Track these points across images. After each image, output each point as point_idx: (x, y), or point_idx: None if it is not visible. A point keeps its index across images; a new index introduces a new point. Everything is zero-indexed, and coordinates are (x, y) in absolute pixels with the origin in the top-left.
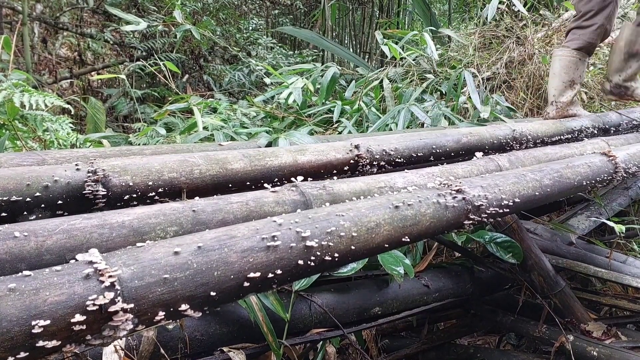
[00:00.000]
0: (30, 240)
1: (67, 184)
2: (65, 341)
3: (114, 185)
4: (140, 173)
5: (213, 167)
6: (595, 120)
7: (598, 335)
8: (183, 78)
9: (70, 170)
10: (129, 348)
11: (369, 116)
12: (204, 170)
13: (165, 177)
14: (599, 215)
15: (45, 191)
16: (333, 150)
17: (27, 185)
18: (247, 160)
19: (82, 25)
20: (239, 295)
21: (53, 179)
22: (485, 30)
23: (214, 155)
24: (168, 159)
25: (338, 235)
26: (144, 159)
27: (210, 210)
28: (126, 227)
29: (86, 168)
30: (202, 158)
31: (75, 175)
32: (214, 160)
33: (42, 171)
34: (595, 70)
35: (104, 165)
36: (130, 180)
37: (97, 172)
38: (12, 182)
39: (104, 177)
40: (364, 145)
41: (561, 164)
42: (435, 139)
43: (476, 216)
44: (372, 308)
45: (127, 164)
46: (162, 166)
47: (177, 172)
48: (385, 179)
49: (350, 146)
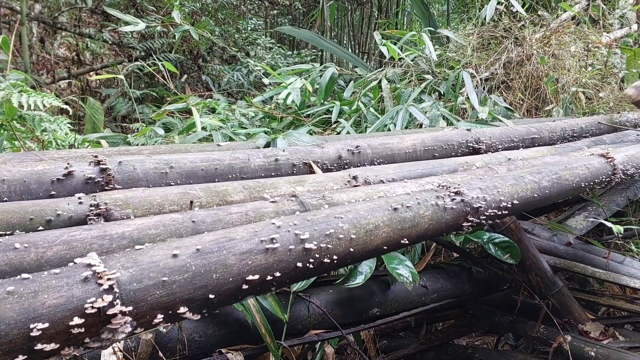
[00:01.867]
0: (30, 252)
1: (69, 218)
2: (63, 344)
3: (115, 219)
4: (142, 206)
5: (213, 199)
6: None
7: (596, 335)
8: (182, 78)
9: (73, 203)
10: (127, 350)
11: (367, 116)
12: (204, 203)
13: (166, 210)
14: (596, 215)
15: (48, 225)
16: (331, 181)
17: (31, 220)
18: (247, 192)
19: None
20: (238, 298)
21: (56, 213)
22: (484, 31)
23: (214, 187)
24: (169, 192)
25: (337, 237)
26: (146, 192)
27: (210, 221)
28: (126, 238)
29: (89, 202)
30: (202, 190)
31: (78, 209)
32: (214, 192)
33: (46, 205)
34: (593, 71)
35: (107, 199)
36: (132, 214)
37: (99, 206)
38: (16, 217)
39: (106, 210)
40: (361, 176)
41: (559, 165)
42: (432, 170)
43: (475, 218)
44: (371, 309)
45: (129, 197)
46: (163, 199)
47: (177, 205)
48: (384, 188)
49: (349, 177)
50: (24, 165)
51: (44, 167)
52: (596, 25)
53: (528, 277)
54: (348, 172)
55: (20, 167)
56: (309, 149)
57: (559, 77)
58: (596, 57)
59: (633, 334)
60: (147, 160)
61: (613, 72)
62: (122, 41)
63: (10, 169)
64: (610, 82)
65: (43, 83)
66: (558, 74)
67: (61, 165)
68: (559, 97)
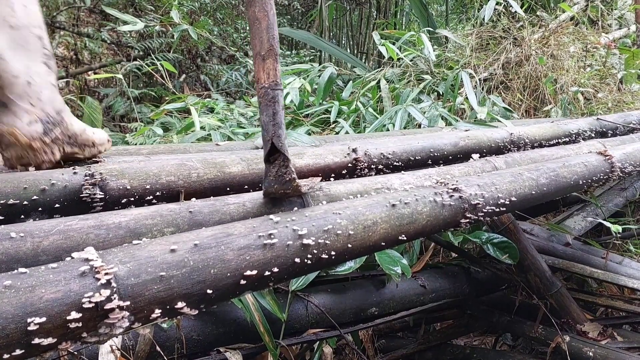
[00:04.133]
0: (26, 241)
1: (64, 188)
2: (61, 339)
3: (111, 188)
4: (138, 176)
5: (211, 170)
6: (593, 124)
7: (594, 335)
8: (180, 78)
9: (67, 173)
10: (125, 348)
11: (366, 117)
12: (202, 174)
13: (162, 180)
14: (595, 216)
15: (43, 194)
16: (331, 154)
17: (24, 189)
18: (245, 164)
19: (79, 25)
20: (236, 293)
21: (50, 182)
22: (483, 31)
23: (211, 158)
24: (166, 163)
25: (335, 233)
26: (142, 163)
27: (207, 212)
28: (123, 228)
29: (83, 171)
30: (200, 162)
31: (73, 178)
32: (212, 163)
33: (40, 174)
34: (592, 72)
35: (102, 169)
36: (128, 184)
37: (94, 176)
38: (9, 186)
39: (102, 180)
40: (361, 149)
41: (557, 163)
42: (433, 142)
43: (473, 215)
44: (369, 308)
45: (125, 168)
46: (160, 170)
47: (174, 175)
48: (382, 180)
49: (348, 150)
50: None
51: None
52: (595, 26)
53: (526, 277)
54: (347, 145)
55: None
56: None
57: (558, 78)
58: (595, 58)
59: (631, 334)
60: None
61: (611, 72)
62: (121, 40)
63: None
64: (609, 82)
65: None
66: (557, 74)
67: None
68: (557, 97)
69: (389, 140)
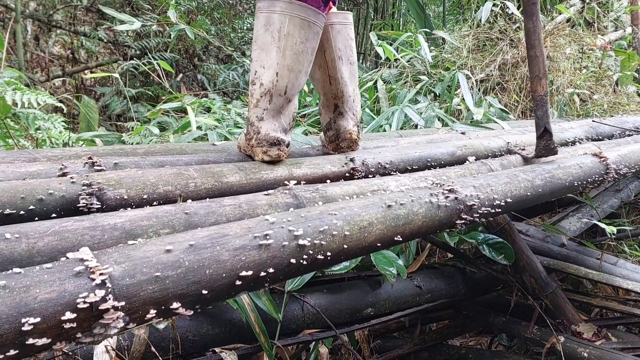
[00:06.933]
0: (21, 242)
1: (61, 197)
2: (55, 339)
3: (108, 198)
4: (135, 186)
5: (208, 180)
6: (589, 132)
7: (589, 336)
8: (177, 77)
9: (65, 183)
10: (120, 348)
11: (362, 117)
12: (199, 184)
13: (160, 190)
14: (590, 217)
15: (40, 204)
16: (329, 163)
17: (22, 198)
18: (243, 174)
19: (76, 23)
20: (231, 294)
21: (47, 192)
22: (479, 33)
23: (209, 168)
24: (163, 172)
25: (331, 234)
26: (139, 172)
27: (202, 213)
28: (118, 229)
29: (81, 181)
30: (197, 171)
31: (70, 188)
32: (209, 173)
33: (37, 184)
34: (588, 73)
35: (99, 179)
36: (125, 194)
37: (91, 185)
38: (6, 195)
39: (99, 190)
40: (359, 158)
41: (553, 164)
42: (430, 152)
43: (468, 216)
44: (365, 309)
45: (122, 177)
46: (157, 179)
47: (172, 185)
48: (378, 182)
49: (346, 159)
50: (17, 166)
51: (37, 168)
52: (591, 28)
53: (522, 278)
54: (345, 155)
55: (14, 168)
56: (304, 150)
57: (554, 79)
58: (591, 60)
59: (625, 335)
60: (141, 162)
61: (607, 74)
62: (118, 40)
63: (4, 169)
64: (605, 84)
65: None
66: (553, 76)
67: (55, 167)
68: (553, 99)
69: (386, 149)
